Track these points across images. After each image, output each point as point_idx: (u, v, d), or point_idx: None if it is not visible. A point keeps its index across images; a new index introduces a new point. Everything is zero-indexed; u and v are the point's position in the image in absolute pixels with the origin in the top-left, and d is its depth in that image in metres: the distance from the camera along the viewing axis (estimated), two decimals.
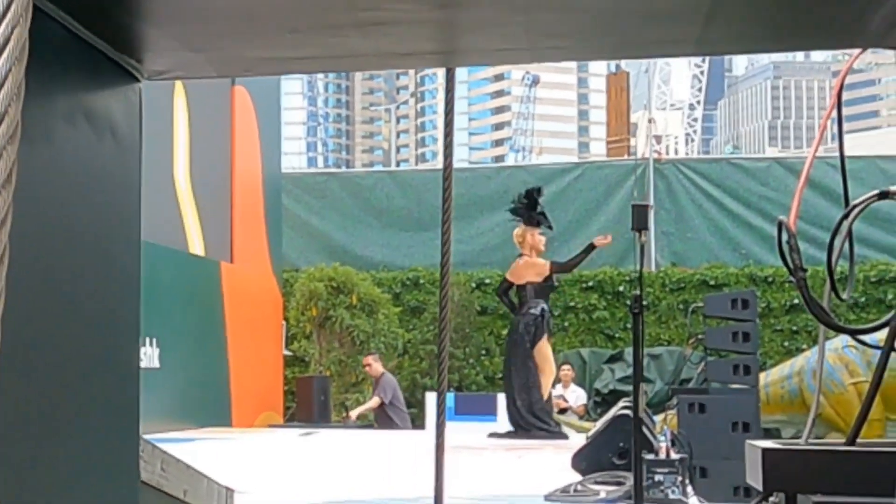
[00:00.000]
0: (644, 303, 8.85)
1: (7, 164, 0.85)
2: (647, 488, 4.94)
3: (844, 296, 2.82)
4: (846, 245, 2.67)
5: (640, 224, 4.53)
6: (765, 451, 2.63)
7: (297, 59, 2.25)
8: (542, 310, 10.37)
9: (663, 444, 5.24)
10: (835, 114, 2.78)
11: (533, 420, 9.98)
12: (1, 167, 0.86)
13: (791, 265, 2.98)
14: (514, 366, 10.19)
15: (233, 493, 3.08)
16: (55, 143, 1.90)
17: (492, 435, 10.21)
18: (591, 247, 10.67)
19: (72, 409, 1.91)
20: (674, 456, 5.19)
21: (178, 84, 11.00)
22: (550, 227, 10.74)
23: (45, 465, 1.81)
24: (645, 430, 5.43)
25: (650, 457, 5.05)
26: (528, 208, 10.35)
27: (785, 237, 2.92)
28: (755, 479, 2.68)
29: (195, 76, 2.37)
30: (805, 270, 3.08)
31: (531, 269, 10.39)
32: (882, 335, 2.37)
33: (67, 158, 1.95)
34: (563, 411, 13.08)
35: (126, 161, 2.16)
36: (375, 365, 12.31)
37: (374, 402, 12.14)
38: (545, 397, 10.28)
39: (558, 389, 13.31)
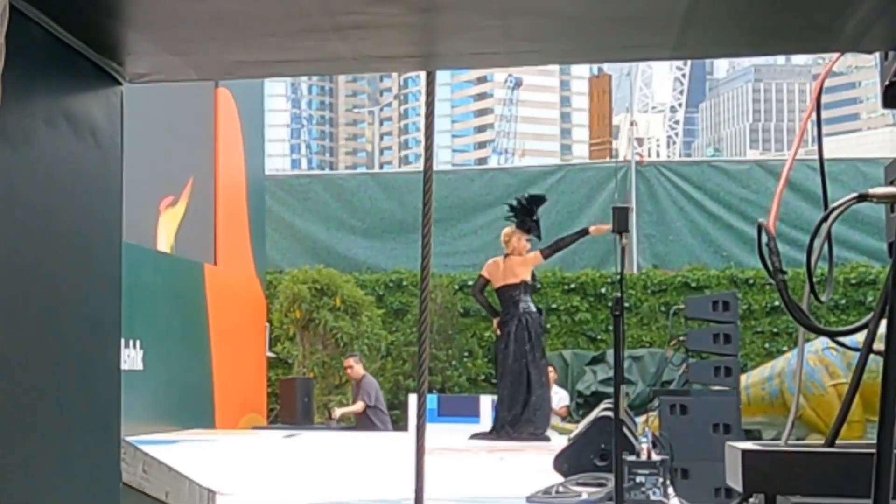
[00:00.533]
0: (626, 305, 8.88)
1: None
2: (628, 490, 4.96)
3: (824, 298, 2.84)
4: (825, 247, 2.69)
5: (621, 227, 4.55)
6: (744, 452, 2.64)
7: (278, 62, 2.26)
8: (539, 308, 10.53)
9: (644, 446, 5.26)
10: (814, 116, 2.81)
11: (535, 419, 10.03)
12: None
13: (771, 267, 3.00)
14: (529, 366, 10.14)
15: (215, 495, 3.08)
16: (35, 146, 1.90)
17: (474, 436, 10.20)
18: (585, 231, 10.73)
19: (52, 410, 1.91)
20: (655, 457, 5.21)
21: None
22: (539, 238, 10.76)
23: (25, 467, 1.81)
24: (626, 431, 5.45)
25: (631, 458, 5.07)
26: (525, 212, 10.38)
27: (765, 239, 2.95)
28: (735, 481, 2.70)
29: (176, 79, 2.38)
30: (785, 272, 3.10)
31: (525, 265, 10.37)
32: (861, 337, 2.39)
33: (48, 161, 1.95)
34: None
35: (107, 164, 2.17)
36: (357, 367, 12.31)
37: (359, 406, 12.14)
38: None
39: None
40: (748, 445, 2.88)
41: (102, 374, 2.14)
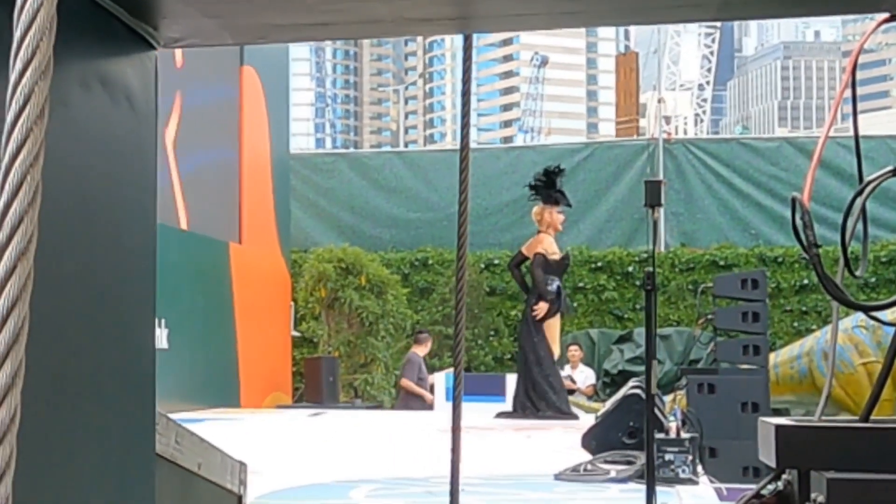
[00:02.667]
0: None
1: (35, 145, 0.81)
2: (657, 467, 4.92)
3: (858, 273, 2.78)
4: (859, 224, 2.63)
5: (653, 200, 4.47)
6: (778, 427, 2.61)
7: (314, 25, 2.22)
8: (558, 287, 10.39)
9: (673, 424, 5.22)
10: (848, 92, 2.74)
11: (553, 399, 10.00)
12: (28, 147, 0.82)
13: (805, 242, 2.94)
14: (526, 345, 10.18)
15: (246, 467, 3.07)
16: (70, 109, 1.87)
17: (500, 415, 10.17)
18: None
19: (88, 382, 1.89)
20: (684, 435, 5.16)
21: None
22: (570, 205, 10.73)
23: (63, 440, 1.79)
24: (655, 409, 5.40)
25: (661, 436, 5.02)
26: (547, 186, 10.31)
27: (799, 214, 2.88)
28: (768, 457, 2.66)
29: (211, 43, 2.35)
30: (819, 247, 3.04)
31: (543, 245, 10.39)
32: (893, 315, 2.33)
33: (83, 124, 1.92)
34: (571, 392, 13.06)
35: (142, 130, 2.13)
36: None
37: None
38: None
39: (566, 370, 13.30)
40: (782, 421, 2.84)
41: (137, 345, 2.12)
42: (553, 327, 10.30)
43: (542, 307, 10.13)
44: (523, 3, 2.07)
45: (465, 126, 2.30)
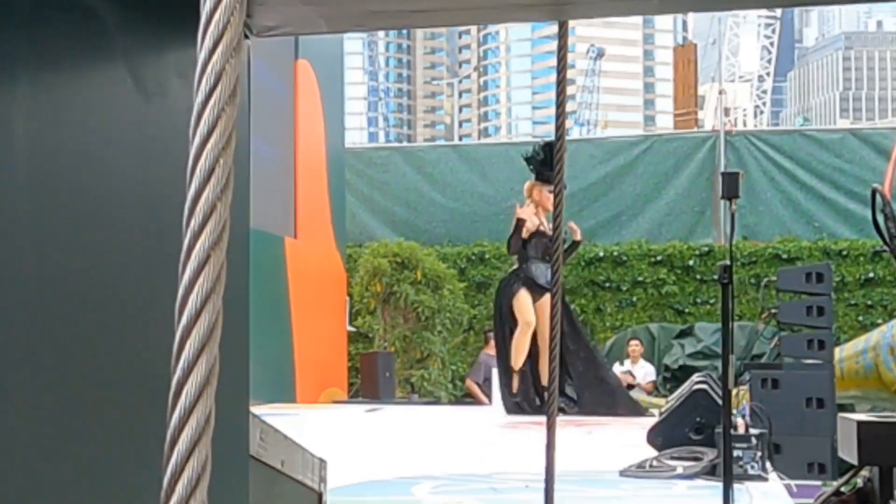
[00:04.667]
0: (714, 277, 8.62)
1: (226, 128, 0.75)
2: None
3: None
4: None
5: (730, 192, 4.33)
6: (860, 423, 2.51)
7: (413, 12, 2.16)
8: (520, 267, 9.71)
9: (741, 420, 5.09)
10: None
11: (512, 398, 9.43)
12: (219, 131, 0.83)
13: (886, 234, 2.82)
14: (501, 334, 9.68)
15: (326, 464, 3.02)
16: (168, 99, 1.86)
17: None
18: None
19: None
20: (753, 431, 5.04)
21: None
22: (564, 187, 10.16)
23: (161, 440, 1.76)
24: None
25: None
26: (542, 163, 9.66)
27: (879, 205, 2.77)
28: (849, 453, 2.55)
29: (306, 32, 2.29)
30: None
31: (522, 212, 9.78)
32: None
33: (181, 114, 1.87)
34: (630, 387, 12.90)
35: (238, 121, 2.08)
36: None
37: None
38: (518, 368, 9.53)
39: (626, 365, 13.14)
40: (864, 417, 2.73)
41: (233, 343, 2.08)
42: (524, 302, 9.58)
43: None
44: None
45: (561, 115, 2.24)
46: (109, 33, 1.70)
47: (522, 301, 9.45)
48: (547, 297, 9.32)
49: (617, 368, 13.19)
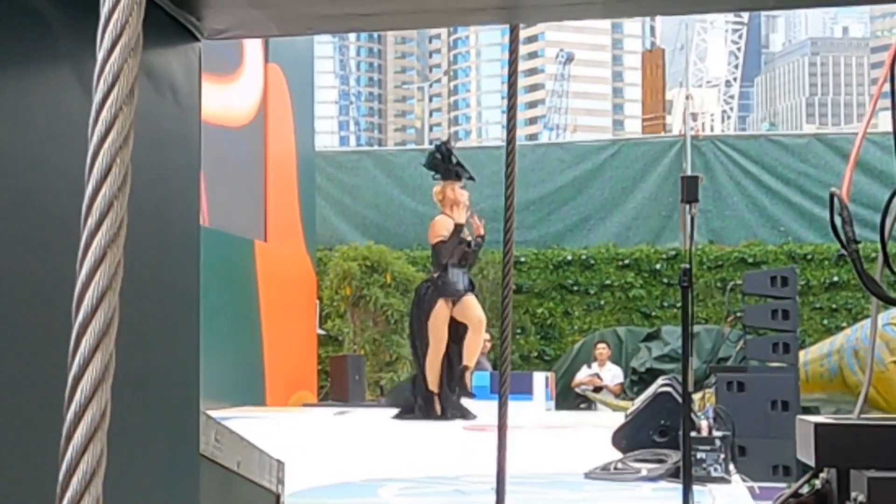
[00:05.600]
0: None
1: (124, 127, 0.79)
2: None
3: None
4: None
5: (689, 196, 4.38)
6: (817, 426, 2.56)
7: (363, 15, 2.17)
8: (440, 275, 9.50)
9: (704, 422, 5.15)
10: (887, 87, 2.67)
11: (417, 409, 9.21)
12: (117, 129, 0.82)
13: (844, 238, 2.88)
14: (416, 339, 9.48)
15: (284, 466, 3.03)
16: None
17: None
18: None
19: (133, 380, 1.85)
20: (716, 433, 5.10)
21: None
22: (472, 178, 9.83)
23: (109, 437, 1.76)
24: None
25: (692, 434, 4.95)
26: (444, 161, 9.52)
27: (837, 210, 2.82)
28: (807, 455, 2.60)
29: (256, 35, 2.32)
30: (858, 242, 2.96)
31: (439, 227, 9.62)
32: None
33: None
34: (598, 390, 12.98)
35: (187, 122, 2.09)
36: None
37: None
38: (433, 379, 9.30)
39: (594, 368, 13.22)
40: (821, 419, 2.78)
41: (182, 342, 2.09)
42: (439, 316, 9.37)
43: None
44: None
45: (512, 119, 2.25)
46: (54, 34, 1.69)
47: (440, 318, 9.29)
48: (463, 300, 9.41)
49: (584, 371, 13.28)
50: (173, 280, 2.04)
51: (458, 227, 9.53)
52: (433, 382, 9.23)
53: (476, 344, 9.50)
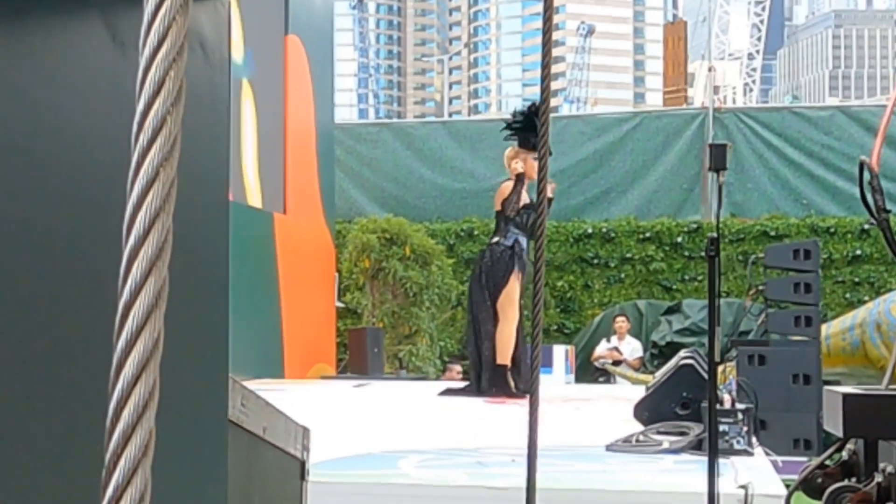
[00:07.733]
0: (702, 254, 8.56)
1: (170, 135, 0.73)
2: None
3: None
4: None
5: (718, 164, 4.29)
6: (846, 396, 2.51)
7: None
8: (516, 241, 8.96)
9: (727, 395, 5.11)
10: None
11: (485, 384, 8.66)
12: (163, 137, 0.77)
13: (873, 206, 2.81)
14: (476, 311, 8.99)
15: (309, 433, 3.00)
16: None
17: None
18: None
19: (164, 344, 1.82)
20: (739, 406, 5.06)
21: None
22: (550, 153, 9.52)
23: None
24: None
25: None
26: (526, 129, 8.70)
27: (867, 178, 2.76)
28: (834, 426, 2.56)
29: None
30: (888, 211, 2.90)
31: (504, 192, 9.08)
32: None
33: None
34: (617, 363, 12.94)
35: (216, 78, 2.03)
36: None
37: None
38: (500, 356, 8.87)
39: (613, 341, 13.18)
40: (849, 390, 2.73)
41: (211, 304, 2.05)
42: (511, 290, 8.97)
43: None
44: None
45: (546, 89, 2.01)
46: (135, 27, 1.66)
47: (513, 289, 8.92)
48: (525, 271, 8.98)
49: (604, 345, 13.23)
50: (203, 243, 2.00)
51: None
52: (503, 356, 8.80)
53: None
